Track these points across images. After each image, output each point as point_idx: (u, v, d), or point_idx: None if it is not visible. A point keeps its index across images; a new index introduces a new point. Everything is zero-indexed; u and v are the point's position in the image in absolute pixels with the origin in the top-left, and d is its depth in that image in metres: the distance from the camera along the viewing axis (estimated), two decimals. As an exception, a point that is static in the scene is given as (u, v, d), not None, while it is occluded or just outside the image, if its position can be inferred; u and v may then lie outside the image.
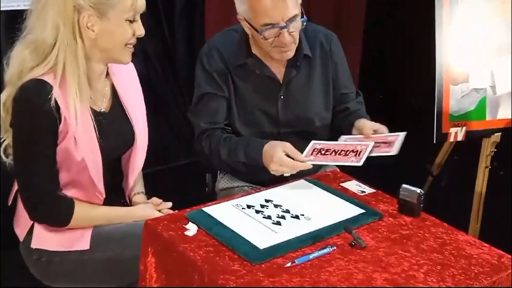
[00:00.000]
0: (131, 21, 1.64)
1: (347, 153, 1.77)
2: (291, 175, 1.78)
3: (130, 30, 1.65)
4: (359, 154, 1.75)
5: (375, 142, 1.79)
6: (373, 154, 1.76)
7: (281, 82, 1.98)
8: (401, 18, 3.79)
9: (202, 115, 1.98)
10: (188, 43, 3.39)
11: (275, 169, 1.76)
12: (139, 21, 1.67)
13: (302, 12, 1.85)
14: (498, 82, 2.36)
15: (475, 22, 2.31)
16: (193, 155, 2.74)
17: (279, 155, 1.74)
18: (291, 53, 1.90)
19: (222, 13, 3.22)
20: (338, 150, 1.79)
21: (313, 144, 1.84)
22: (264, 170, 1.88)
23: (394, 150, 1.75)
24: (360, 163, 1.73)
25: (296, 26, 1.84)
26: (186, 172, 3.10)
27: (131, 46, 1.69)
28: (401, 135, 1.80)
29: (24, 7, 1.82)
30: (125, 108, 1.79)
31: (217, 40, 2.03)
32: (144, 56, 3.24)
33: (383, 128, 1.86)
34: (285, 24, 1.80)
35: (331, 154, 1.79)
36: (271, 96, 1.99)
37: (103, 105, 1.75)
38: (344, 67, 2.09)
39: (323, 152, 1.80)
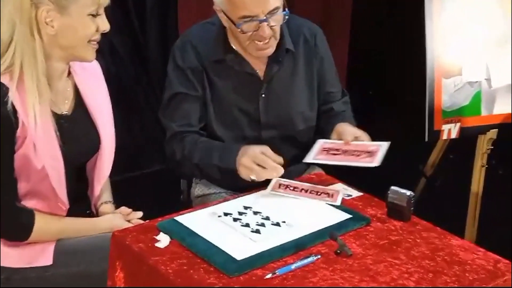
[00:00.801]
0: (94, 16, 1.63)
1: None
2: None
3: (93, 25, 1.64)
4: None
5: (356, 151, 1.79)
6: (352, 164, 1.76)
7: (262, 79, 1.97)
8: (392, 11, 3.83)
9: (174, 116, 1.96)
10: (161, 38, 3.38)
11: (245, 164, 1.73)
12: (103, 15, 1.66)
13: (284, 5, 1.85)
14: (494, 75, 2.37)
15: (468, 12, 2.32)
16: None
17: (255, 151, 1.74)
18: (271, 50, 1.89)
19: (197, 6, 3.22)
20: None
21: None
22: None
23: (376, 161, 1.74)
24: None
25: (277, 19, 1.84)
26: (160, 179, 3.09)
27: (95, 42, 1.68)
28: (384, 145, 1.79)
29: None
30: (89, 110, 1.78)
31: (192, 34, 2.02)
32: (112, 53, 3.23)
33: (364, 135, 1.85)
34: (265, 17, 1.80)
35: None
36: (251, 94, 1.98)
37: (65, 108, 1.74)
38: (330, 63, 2.09)
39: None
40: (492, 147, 2.41)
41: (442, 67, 2.28)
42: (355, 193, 1.78)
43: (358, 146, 1.80)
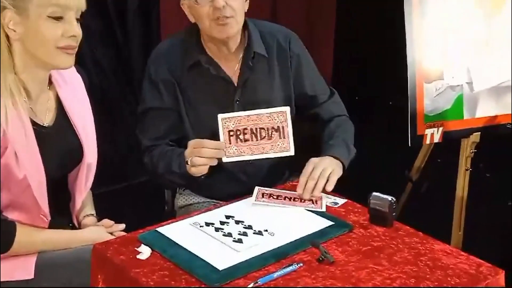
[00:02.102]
0: (55, 18, 1.59)
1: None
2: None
3: (56, 29, 1.59)
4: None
5: (264, 132, 1.78)
6: (268, 156, 1.79)
7: (235, 85, 1.98)
8: (374, 18, 3.85)
9: (146, 131, 1.99)
10: (144, 49, 3.38)
11: (189, 151, 1.76)
12: (73, 21, 1.62)
13: None
14: (475, 78, 2.39)
15: (448, 16, 2.34)
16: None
17: (190, 144, 1.77)
18: (230, 29, 1.88)
19: (179, 17, 3.22)
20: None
21: (258, 189, 1.82)
22: (224, 183, 1.88)
23: (291, 150, 1.78)
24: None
25: None
26: (145, 190, 3.08)
27: (68, 48, 1.63)
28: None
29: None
30: (71, 121, 1.77)
31: (162, 47, 2.03)
32: (95, 64, 3.23)
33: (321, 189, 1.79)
34: None
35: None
36: (226, 101, 1.98)
37: (47, 119, 1.73)
38: (308, 66, 2.09)
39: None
40: (476, 150, 2.42)
41: (423, 72, 2.29)
42: (340, 201, 1.79)
43: (263, 120, 1.78)
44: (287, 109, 1.77)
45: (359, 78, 3.91)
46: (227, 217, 1.67)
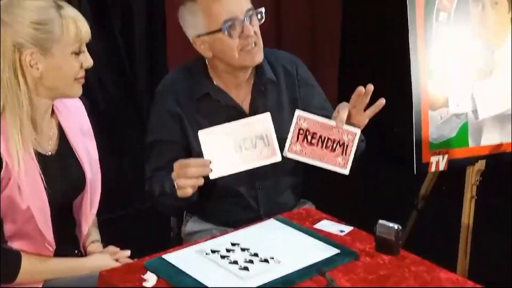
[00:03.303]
0: (77, 54, 1.65)
1: (334, 147, 1.77)
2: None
3: (77, 63, 1.65)
4: (345, 151, 1.76)
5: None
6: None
7: (247, 112, 1.99)
8: (379, 45, 3.89)
9: (150, 162, 1.99)
10: (150, 75, 3.42)
11: (175, 173, 1.73)
12: (86, 51, 1.68)
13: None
14: (480, 106, 2.40)
15: (452, 45, 2.36)
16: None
17: (175, 166, 1.74)
18: (259, 56, 1.92)
19: (186, 43, 3.26)
20: (325, 138, 1.78)
21: (298, 116, 1.79)
22: (233, 209, 1.90)
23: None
24: (347, 171, 1.76)
25: (255, 21, 1.89)
26: (151, 217, 3.09)
27: (82, 78, 1.69)
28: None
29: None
30: (73, 149, 1.79)
31: (170, 79, 2.05)
32: (102, 90, 3.26)
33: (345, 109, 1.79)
34: (244, 17, 1.86)
35: (317, 143, 1.78)
36: None
37: (49, 148, 1.75)
38: (316, 89, 2.12)
39: (309, 137, 1.78)
40: (481, 178, 2.42)
41: (428, 99, 2.31)
42: (347, 229, 1.79)
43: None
44: (267, 115, 1.77)
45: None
46: (233, 244, 1.67)
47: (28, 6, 1.60)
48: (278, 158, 1.76)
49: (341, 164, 1.77)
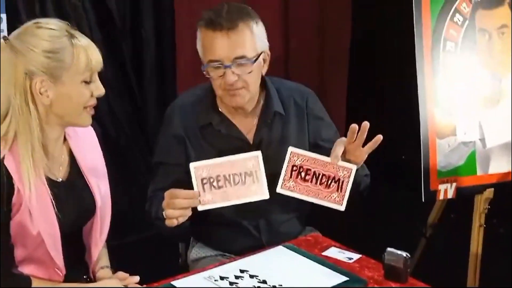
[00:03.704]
0: (87, 82, 1.67)
1: (329, 183, 1.77)
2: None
3: (87, 91, 1.67)
4: (341, 188, 1.76)
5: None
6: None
7: (251, 143, 1.99)
8: (386, 74, 3.91)
9: (153, 182, 2.02)
10: (159, 101, 3.44)
11: (165, 202, 1.73)
12: (97, 80, 1.69)
13: (260, 56, 1.88)
14: (488, 135, 2.41)
15: (459, 74, 2.38)
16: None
17: (165, 196, 1.74)
18: (240, 99, 1.90)
19: (196, 69, 3.28)
20: (320, 175, 1.77)
21: (291, 152, 1.79)
22: (235, 237, 1.91)
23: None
24: (343, 207, 1.75)
25: (243, 69, 1.86)
26: (159, 243, 3.09)
27: (91, 107, 1.71)
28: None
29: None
30: (84, 175, 1.80)
31: (178, 103, 2.06)
32: (111, 116, 3.28)
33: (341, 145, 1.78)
34: (229, 64, 1.84)
35: (312, 179, 1.77)
36: None
37: (60, 174, 1.76)
38: (326, 122, 2.11)
39: (303, 174, 1.78)
40: (490, 206, 2.42)
41: (435, 128, 2.32)
42: (355, 256, 1.79)
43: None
44: (258, 153, 1.78)
45: (372, 132, 3.94)
46: (242, 271, 1.67)
47: (41, 35, 1.62)
48: (265, 196, 1.77)
49: (336, 201, 1.77)
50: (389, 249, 1.66)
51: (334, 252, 1.82)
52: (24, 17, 2.96)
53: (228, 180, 1.76)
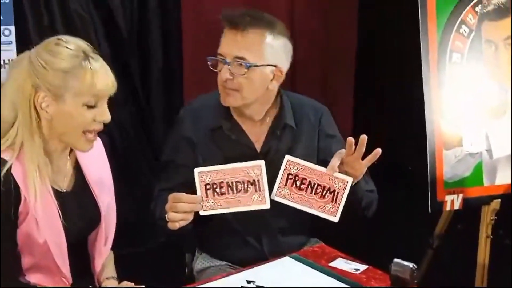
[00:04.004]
0: (91, 106, 1.64)
1: (324, 194, 1.77)
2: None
3: (89, 115, 1.64)
4: (335, 199, 1.76)
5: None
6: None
7: (258, 152, 2.00)
8: (392, 86, 3.91)
9: (159, 181, 2.03)
10: (166, 113, 3.45)
11: (168, 205, 1.75)
12: (104, 106, 1.67)
13: (266, 67, 1.90)
14: (494, 146, 2.41)
15: (466, 85, 2.38)
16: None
17: (168, 199, 1.75)
18: (232, 100, 1.92)
19: (203, 78, 3.29)
20: (315, 185, 1.78)
21: (287, 161, 1.80)
22: (237, 247, 1.92)
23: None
24: (336, 218, 1.75)
25: (238, 70, 1.88)
26: (166, 253, 3.09)
27: (92, 133, 1.68)
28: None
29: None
30: (89, 185, 1.80)
31: (192, 106, 2.09)
32: (118, 126, 3.29)
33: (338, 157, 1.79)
34: (229, 61, 1.87)
35: (306, 188, 1.78)
36: None
37: (64, 185, 1.76)
38: (337, 138, 2.10)
39: (298, 183, 1.79)
40: (496, 217, 2.41)
41: (442, 139, 2.32)
42: (361, 267, 1.78)
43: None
44: (261, 162, 1.79)
45: (378, 141, 3.94)
46: (248, 282, 1.67)
47: (56, 52, 1.63)
48: (267, 205, 1.78)
49: (330, 211, 1.77)
50: (395, 260, 1.65)
51: (341, 263, 1.82)
52: (32, 29, 2.99)
53: (231, 187, 1.77)
